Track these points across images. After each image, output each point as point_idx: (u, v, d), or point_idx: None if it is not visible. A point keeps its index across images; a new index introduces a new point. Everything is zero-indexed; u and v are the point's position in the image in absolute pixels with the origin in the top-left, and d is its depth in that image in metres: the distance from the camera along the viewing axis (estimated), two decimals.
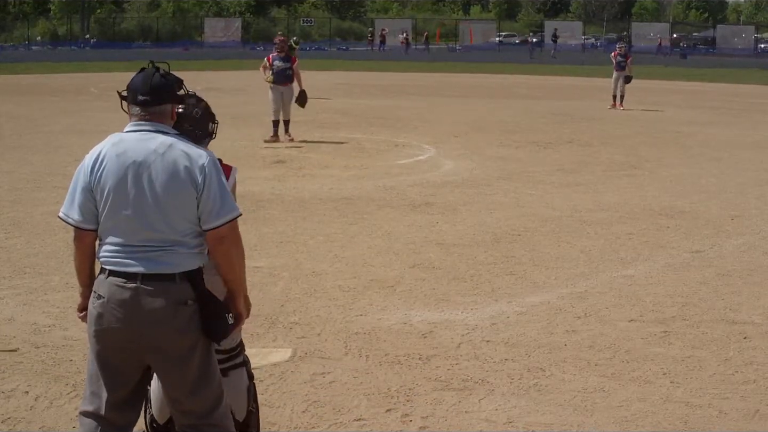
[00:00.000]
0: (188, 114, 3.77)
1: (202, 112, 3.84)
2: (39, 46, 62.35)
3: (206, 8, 75.32)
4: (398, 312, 6.33)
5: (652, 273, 7.48)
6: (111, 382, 3.36)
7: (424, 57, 54.52)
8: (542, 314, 6.33)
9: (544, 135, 17.17)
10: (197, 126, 3.80)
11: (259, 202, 10.02)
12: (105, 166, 3.29)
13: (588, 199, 10.72)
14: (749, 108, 24.89)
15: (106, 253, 3.31)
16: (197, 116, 3.81)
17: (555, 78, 37.55)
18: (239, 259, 3.44)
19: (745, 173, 13.00)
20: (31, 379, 5.02)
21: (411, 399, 4.84)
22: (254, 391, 4.05)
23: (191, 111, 3.79)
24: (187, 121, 3.75)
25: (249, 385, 4.00)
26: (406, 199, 10.47)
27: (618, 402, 4.85)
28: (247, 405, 3.97)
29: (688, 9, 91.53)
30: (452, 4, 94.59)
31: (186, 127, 3.72)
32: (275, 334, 5.83)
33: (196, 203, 3.30)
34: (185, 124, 3.73)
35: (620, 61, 23.01)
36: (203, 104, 3.87)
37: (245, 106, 21.33)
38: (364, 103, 23.61)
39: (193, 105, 3.83)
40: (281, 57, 15.60)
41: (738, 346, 5.75)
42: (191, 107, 3.80)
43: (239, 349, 3.98)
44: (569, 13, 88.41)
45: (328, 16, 78.46)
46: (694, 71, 42.95)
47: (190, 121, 3.77)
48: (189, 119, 3.77)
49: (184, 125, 3.72)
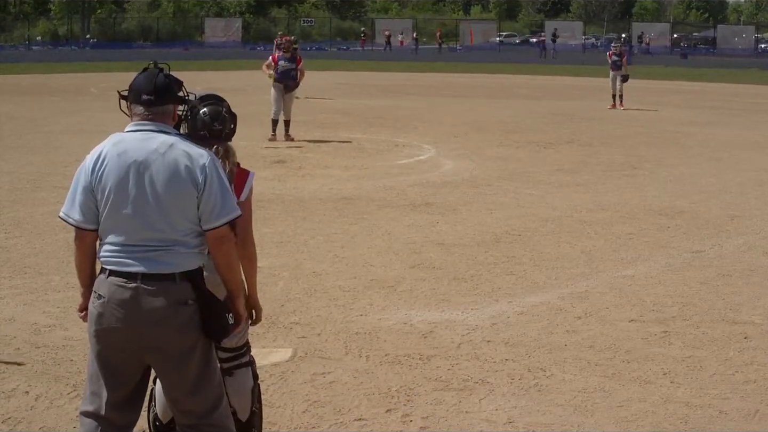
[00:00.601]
0: (218, 115, 3.79)
1: (227, 110, 3.87)
2: (39, 46, 62.37)
3: (206, 8, 75.29)
4: (398, 312, 6.33)
5: (652, 273, 7.48)
6: (111, 382, 3.36)
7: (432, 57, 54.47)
8: (542, 314, 6.33)
9: (544, 135, 17.17)
10: (225, 125, 3.83)
11: (259, 202, 9.98)
12: (106, 166, 3.29)
13: (588, 199, 10.72)
14: (749, 108, 24.89)
15: (107, 253, 3.31)
16: (226, 116, 3.84)
17: (555, 78, 37.55)
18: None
19: (745, 173, 13.00)
20: (31, 379, 5.02)
21: (411, 399, 4.84)
22: (259, 391, 4.05)
23: (221, 111, 3.82)
24: (217, 121, 3.78)
25: (254, 385, 3.99)
26: (406, 199, 10.47)
27: (618, 402, 4.85)
28: (251, 405, 3.96)
29: (689, 9, 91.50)
30: (452, 4, 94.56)
31: (217, 127, 3.75)
32: (275, 334, 5.83)
33: (197, 203, 3.30)
34: (216, 124, 3.76)
35: (616, 61, 23.04)
36: (226, 103, 3.90)
37: (245, 106, 21.22)
38: (364, 103, 23.60)
39: (219, 104, 3.85)
40: (286, 57, 15.65)
41: (738, 346, 5.75)
42: (219, 108, 3.83)
43: (245, 349, 3.98)
44: (569, 13, 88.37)
45: (329, 16, 78.46)
46: (694, 71, 42.95)
47: (220, 121, 3.80)
48: (219, 119, 3.80)
49: (215, 126, 3.75)
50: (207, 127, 3.76)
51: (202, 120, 3.78)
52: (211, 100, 3.85)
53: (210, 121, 3.75)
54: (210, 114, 3.77)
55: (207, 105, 3.83)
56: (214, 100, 3.86)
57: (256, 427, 4.02)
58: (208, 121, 3.76)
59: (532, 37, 75.01)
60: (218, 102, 3.86)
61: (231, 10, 75.96)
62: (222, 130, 3.80)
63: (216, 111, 3.80)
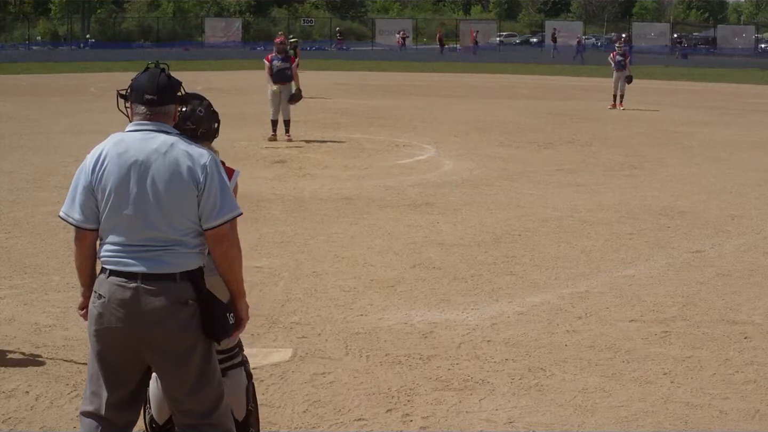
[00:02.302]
0: (191, 113, 3.77)
1: (206, 110, 3.83)
2: (39, 46, 62.33)
3: (206, 8, 75.25)
4: (399, 312, 6.33)
5: (652, 273, 7.48)
6: (111, 382, 3.36)
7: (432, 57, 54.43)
8: (543, 314, 6.33)
9: (544, 135, 17.17)
10: (200, 125, 3.79)
11: (259, 202, 10.02)
12: (106, 166, 3.29)
13: (588, 199, 10.72)
14: (749, 108, 24.89)
15: (107, 253, 3.31)
16: (201, 115, 3.80)
17: (555, 78, 37.55)
18: (240, 259, 3.44)
19: (745, 173, 13.00)
20: (31, 379, 5.02)
21: (411, 399, 4.84)
22: (253, 390, 4.05)
23: (195, 110, 3.79)
24: (190, 120, 3.75)
25: (248, 384, 3.99)
26: (406, 199, 10.47)
27: (618, 402, 4.85)
28: (246, 405, 3.97)
29: (689, 9, 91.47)
30: (452, 4, 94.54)
31: (189, 126, 3.72)
32: (275, 334, 5.83)
33: (197, 202, 3.30)
34: (188, 123, 3.73)
35: (620, 61, 22.99)
36: (206, 103, 3.86)
37: (245, 106, 21.32)
38: (364, 103, 23.60)
39: (197, 104, 3.82)
40: (280, 57, 15.65)
41: (738, 346, 5.75)
42: (195, 106, 3.80)
43: (237, 349, 3.98)
44: (569, 13, 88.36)
45: (329, 16, 78.44)
46: (694, 71, 42.94)
47: (193, 120, 3.77)
48: (192, 118, 3.77)
49: (188, 124, 3.72)
50: (178, 127, 3.71)
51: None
52: (195, 100, 3.82)
53: (181, 120, 3.69)
54: (182, 114, 3.71)
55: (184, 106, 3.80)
56: (197, 100, 3.83)
57: (252, 426, 4.02)
58: (179, 121, 3.70)
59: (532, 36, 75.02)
60: (197, 101, 3.83)
61: (231, 10, 75.94)
62: (196, 129, 3.74)
63: (190, 110, 3.77)
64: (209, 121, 3.84)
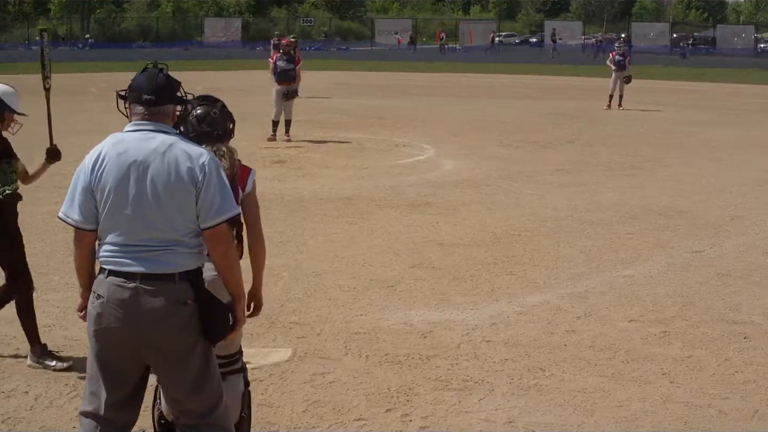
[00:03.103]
0: (206, 115, 3.78)
1: (220, 112, 3.85)
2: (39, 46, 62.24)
3: (206, 8, 75.24)
4: (398, 312, 6.33)
5: (652, 273, 7.48)
6: (110, 382, 3.36)
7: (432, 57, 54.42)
8: (542, 314, 6.33)
9: (544, 135, 17.17)
10: (217, 127, 3.81)
11: (259, 201, 10.00)
12: (105, 166, 3.29)
13: (588, 199, 10.72)
14: (749, 108, 24.89)
15: (106, 253, 3.31)
16: (216, 116, 3.82)
17: (555, 78, 37.54)
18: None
19: (745, 173, 13.00)
20: (31, 379, 5.02)
21: (411, 399, 4.84)
22: (248, 398, 4.05)
23: (210, 112, 3.80)
24: (205, 122, 3.77)
25: (244, 391, 4.00)
26: (406, 199, 10.47)
27: (618, 402, 4.85)
28: (240, 411, 3.97)
29: (688, 9, 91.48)
30: (452, 4, 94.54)
31: (205, 128, 3.74)
32: (275, 334, 5.83)
33: (195, 201, 3.30)
34: (204, 125, 3.75)
35: (620, 61, 22.93)
36: (220, 104, 3.88)
37: (245, 106, 21.24)
38: (364, 103, 23.59)
39: (210, 106, 3.83)
40: (285, 58, 15.67)
41: (738, 346, 5.75)
42: (208, 108, 3.81)
43: (238, 355, 3.98)
44: (569, 13, 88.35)
45: (329, 16, 78.42)
46: (694, 71, 42.94)
47: (209, 122, 3.78)
48: (207, 120, 3.78)
49: (203, 127, 3.74)
50: (195, 130, 3.74)
51: (191, 122, 3.78)
52: (205, 102, 3.84)
53: (197, 123, 3.73)
54: (198, 116, 3.74)
55: (199, 107, 3.82)
56: (207, 102, 3.85)
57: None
58: (195, 124, 3.73)
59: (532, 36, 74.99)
60: (211, 103, 3.85)
61: (231, 10, 75.93)
62: (212, 132, 3.77)
63: (205, 113, 3.79)
64: (224, 122, 3.86)
